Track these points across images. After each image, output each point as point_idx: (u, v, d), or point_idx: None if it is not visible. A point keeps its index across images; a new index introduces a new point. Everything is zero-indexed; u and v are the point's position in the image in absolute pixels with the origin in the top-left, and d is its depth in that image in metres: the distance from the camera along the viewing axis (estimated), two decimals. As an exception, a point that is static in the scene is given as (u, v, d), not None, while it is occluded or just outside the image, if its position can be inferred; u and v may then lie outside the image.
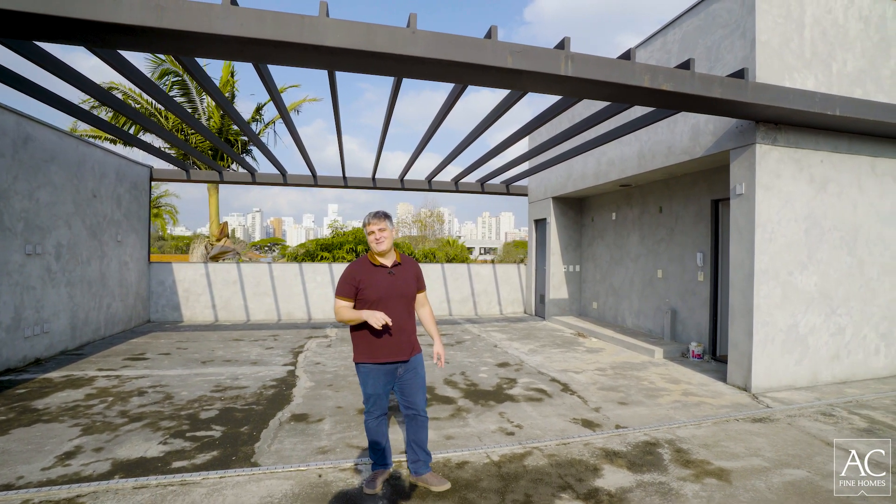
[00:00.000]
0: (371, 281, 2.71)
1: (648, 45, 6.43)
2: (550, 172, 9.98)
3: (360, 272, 2.74)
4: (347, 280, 2.72)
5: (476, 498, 2.68)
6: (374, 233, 2.74)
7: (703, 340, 6.70)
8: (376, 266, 2.77)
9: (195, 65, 4.42)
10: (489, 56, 3.35)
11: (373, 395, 2.77)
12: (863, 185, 5.35)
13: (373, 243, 2.75)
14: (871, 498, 2.70)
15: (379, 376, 2.75)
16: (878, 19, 5.40)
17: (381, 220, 2.76)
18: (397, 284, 2.77)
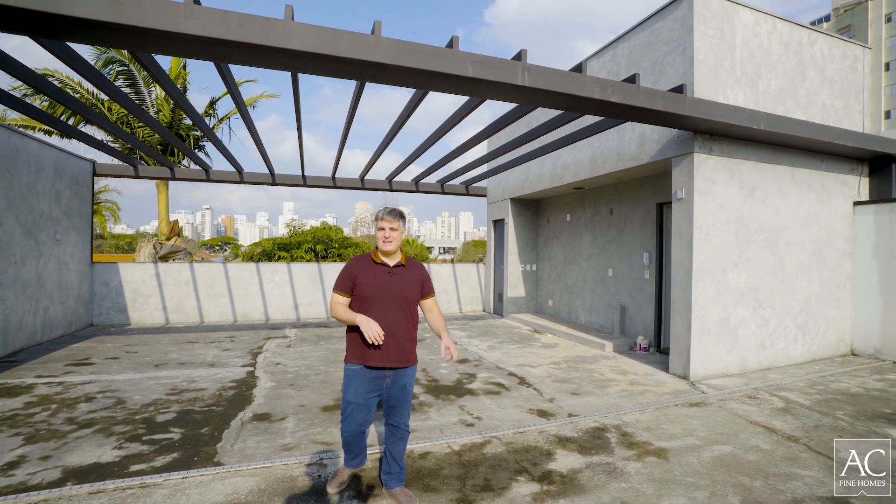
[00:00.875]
0: (368, 276, 2.60)
1: (601, 56, 6.81)
2: (509, 174, 10.30)
3: (360, 266, 2.64)
4: (346, 274, 2.64)
5: (438, 485, 2.83)
6: (385, 230, 2.61)
7: (649, 334, 7.18)
8: (377, 263, 2.66)
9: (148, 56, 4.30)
10: (451, 65, 3.51)
11: (352, 404, 2.58)
12: (784, 191, 5.94)
13: (380, 240, 2.63)
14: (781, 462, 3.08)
15: (363, 381, 2.59)
16: (796, 45, 6.01)
17: (396, 219, 2.63)
18: (396, 286, 2.63)
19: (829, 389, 4.89)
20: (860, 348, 6.54)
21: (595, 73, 6.83)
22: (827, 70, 6.38)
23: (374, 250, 2.73)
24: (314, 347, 7.01)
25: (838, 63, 6.51)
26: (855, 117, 6.70)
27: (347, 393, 2.62)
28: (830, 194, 6.40)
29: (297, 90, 4.70)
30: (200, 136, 13.62)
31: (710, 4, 5.27)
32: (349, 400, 2.60)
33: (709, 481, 2.88)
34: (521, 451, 3.32)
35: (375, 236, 2.70)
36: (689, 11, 5.21)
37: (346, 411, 2.62)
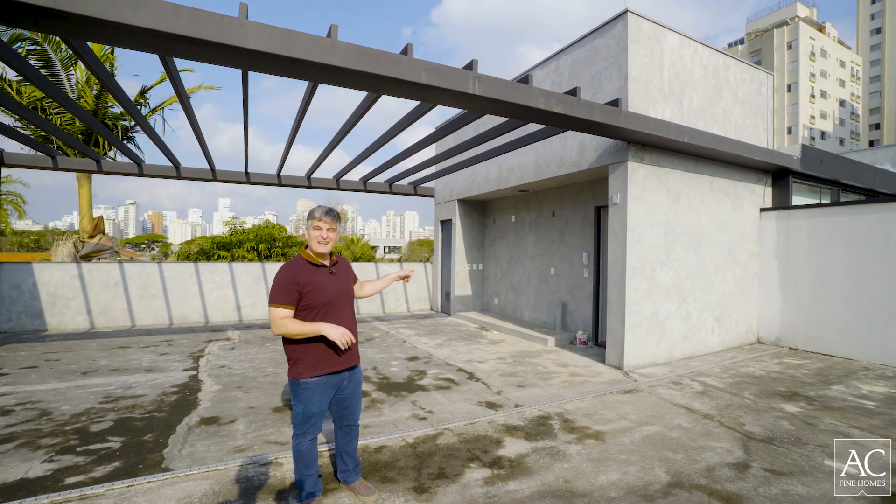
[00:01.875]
0: (315, 283, 2.45)
1: (545, 66, 7.19)
2: (456, 176, 10.54)
3: (301, 274, 2.44)
4: (288, 285, 2.38)
5: (395, 475, 2.95)
6: (322, 230, 2.49)
7: (588, 329, 7.67)
8: (317, 266, 2.51)
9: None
10: (405, 71, 3.63)
11: (316, 414, 2.50)
12: (704, 198, 6.61)
13: (316, 241, 2.48)
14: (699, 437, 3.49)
15: (326, 390, 2.51)
16: (714, 68, 6.70)
17: (334, 220, 2.54)
18: (341, 285, 2.58)
19: (738, 373, 5.53)
20: (764, 337, 7.40)
21: (540, 82, 7.20)
22: (739, 91, 7.16)
23: (305, 252, 2.55)
24: (260, 349, 6.83)
25: (748, 86, 7.32)
26: (761, 134, 7.56)
27: (311, 405, 2.48)
28: (742, 201, 7.18)
29: (247, 88, 4.60)
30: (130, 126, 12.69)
31: (642, 27, 5.76)
32: (314, 411, 2.49)
33: (639, 457, 3.22)
34: (472, 441, 3.51)
35: (308, 235, 2.52)
36: (624, 31, 5.66)
37: (309, 423, 2.51)
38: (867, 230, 6.23)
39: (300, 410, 2.50)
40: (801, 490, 2.80)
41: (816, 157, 7.88)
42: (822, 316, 6.67)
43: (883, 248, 6.07)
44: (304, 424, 2.51)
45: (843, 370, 5.71)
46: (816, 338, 6.74)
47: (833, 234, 6.58)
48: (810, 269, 6.83)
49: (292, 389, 2.51)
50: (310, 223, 2.52)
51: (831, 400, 4.53)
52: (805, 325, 6.88)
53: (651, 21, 5.88)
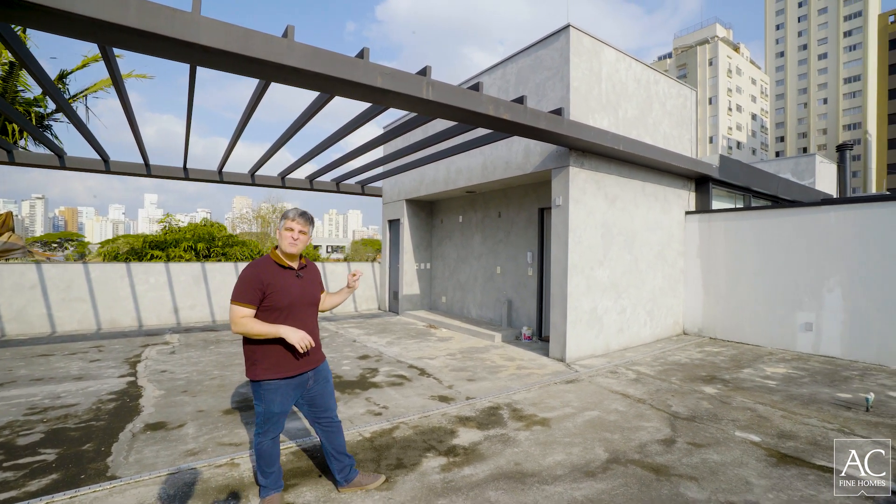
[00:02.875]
0: (280, 285, 2.42)
1: (493, 72, 7.47)
2: (404, 176, 10.63)
3: (267, 274, 2.41)
4: (251, 284, 2.36)
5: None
6: (294, 231, 2.47)
7: (533, 325, 8.06)
8: (284, 268, 2.49)
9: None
10: (361, 74, 3.70)
11: (277, 414, 2.48)
12: (637, 202, 7.17)
13: (287, 242, 2.46)
14: (633, 419, 3.86)
15: (288, 392, 2.48)
16: (645, 82, 7.29)
17: (307, 223, 2.53)
18: (307, 289, 2.57)
19: (667, 362, 6.08)
20: (689, 328, 8.15)
21: (488, 87, 7.47)
22: (667, 104, 7.83)
23: (274, 252, 2.52)
24: (203, 352, 6.57)
25: (675, 100, 8.03)
26: (686, 144, 8.31)
27: (273, 405, 2.45)
28: (670, 205, 7.87)
29: (194, 83, 4.44)
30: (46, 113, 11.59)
31: (582, 41, 6.17)
32: (276, 412, 2.47)
33: (581, 439, 3.52)
34: (427, 432, 3.66)
35: (280, 235, 2.50)
36: (566, 45, 6.04)
37: (270, 422, 2.49)
38: (771, 232, 7.07)
39: (261, 410, 2.48)
40: (717, 458, 3.21)
41: (731, 166, 8.79)
42: (737, 308, 7.47)
43: (784, 247, 6.91)
44: (266, 424, 2.50)
45: (752, 355, 6.44)
46: (732, 328, 7.54)
47: (744, 236, 7.40)
48: (726, 267, 7.62)
49: (253, 389, 2.50)
50: (282, 223, 2.51)
51: (742, 381, 5.13)
52: (722, 317, 7.67)
53: (591, 36, 6.32)
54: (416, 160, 8.47)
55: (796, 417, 4.02)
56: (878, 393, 4.69)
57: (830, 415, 4.08)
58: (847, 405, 4.33)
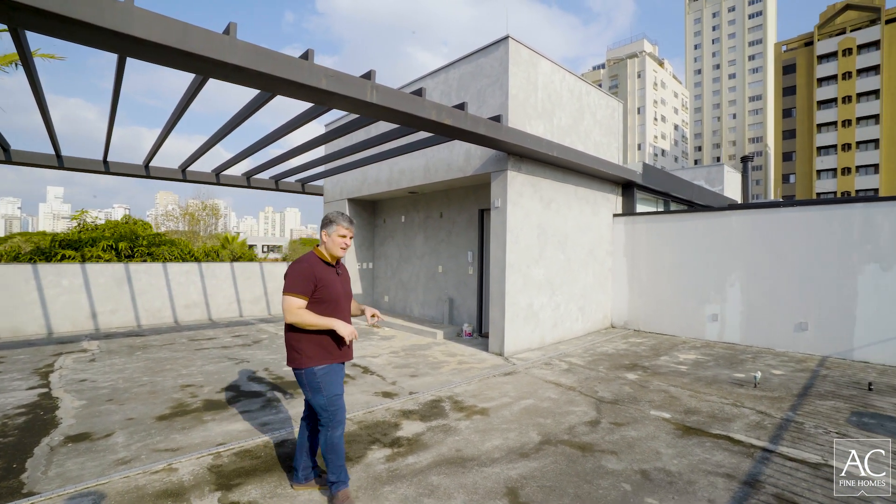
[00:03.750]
0: (328, 280, 2.65)
1: (436, 76, 7.65)
2: (347, 175, 10.55)
3: (317, 270, 2.63)
4: (306, 277, 2.57)
5: (301, 464, 3.07)
6: (347, 237, 2.72)
7: (473, 321, 8.34)
8: (329, 265, 2.72)
9: None
10: (306, 76, 3.73)
11: (339, 395, 2.64)
12: (570, 204, 7.67)
13: (339, 246, 2.69)
14: (564, 405, 4.20)
15: (338, 373, 2.68)
16: (578, 93, 7.81)
17: (354, 228, 2.77)
18: (345, 285, 2.81)
19: (596, 353, 6.58)
20: (616, 322, 8.82)
21: (431, 90, 7.64)
22: (597, 114, 8.43)
23: (318, 251, 2.74)
24: (129, 359, 6.18)
25: (604, 110, 8.65)
26: (614, 152, 8.98)
27: (333, 387, 2.61)
28: (600, 208, 8.47)
29: (122, 73, 4.21)
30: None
31: (520, 52, 6.51)
32: (337, 392, 2.62)
33: (517, 425, 3.79)
34: (371, 427, 3.75)
35: (330, 240, 2.70)
36: (505, 54, 6.35)
37: (337, 404, 2.61)
38: (686, 234, 7.85)
39: (322, 400, 2.58)
40: (634, 434, 3.60)
41: (653, 173, 9.61)
42: (657, 303, 8.21)
43: (696, 248, 7.70)
44: (333, 411, 2.59)
45: (669, 345, 7.13)
46: (653, 321, 8.26)
47: (663, 237, 8.14)
48: (648, 265, 8.34)
49: (306, 381, 2.59)
50: (334, 228, 2.70)
51: (659, 367, 5.69)
52: (645, 311, 8.39)
53: (529, 48, 6.68)
54: (359, 160, 8.47)
55: (700, 396, 4.56)
56: (765, 371, 5.42)
57: (727, 392, 4.67)
58: (740, 383, 4.97)
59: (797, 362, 5.99)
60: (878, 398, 4.50)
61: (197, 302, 9.98)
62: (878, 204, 6.10)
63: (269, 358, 6.28)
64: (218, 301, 10.28)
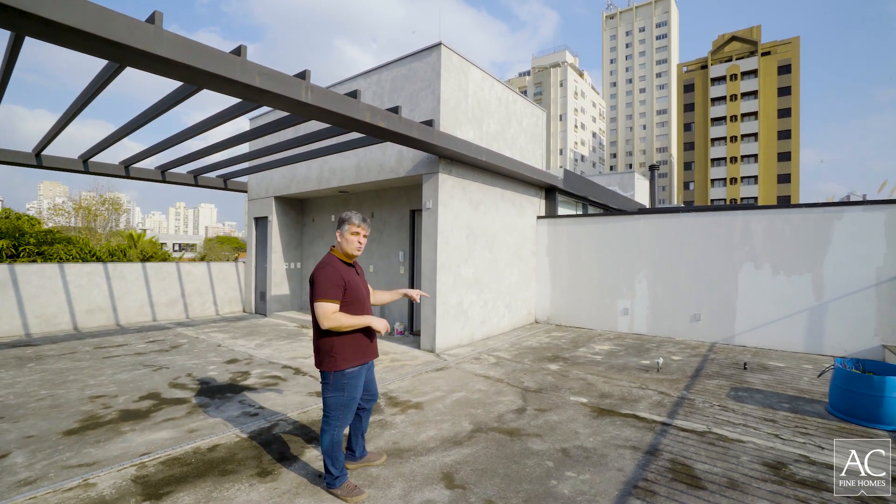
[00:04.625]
0: (352, 280, 2.70)
1: (369, 76, 7.67)
2: (274, 173, 10.19)
3: (344, 272, 2.68)
4: (336, 281, 2.60)
5: (236, 467, 3.03)
6: (360, 235, 2.76)
7: (405, 320, 8.47)
8: (349, 266, 2.77)
9: None
10: (238, 72, 3.64)
11: (355, 400, 2.76)
12: (498, 207, 8.06)
13: (354, 245, 2.74)
14: (493, 395, 4.48)
15: (363, 376, 2.79)
16: (506, 101, 8.24)
17: (369, 227, 2.81)
18: (364, 283, 2.87)
19: (521, 347, 7.01)
20: (540, 317, 9.40)
21: (364, 90, 7.65)
22: (523, 122, 8.93)
23: (335, 252, 2.79)
24: (19, 372, 5.54)
25: (530, 118, 9.19)
26: (538, 158, 9.56)
27: (355, 391, 2.72)
28: (525, 210, 8.98)
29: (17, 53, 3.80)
30: None
31: (452, 59, 6.75)
32: (356, 397, 2.75)
33: (450, 416, 3.99)
34: (307, 426, 3.76)
35: (344, 239, 2.74)
36: (438, 61, 6.55)
37: (349, 409, 2.73)
38: (601, 235, 8.58)
39: (342, 400, 2.68)
40: (556, 418, 3.96)
41: (572, 179, 10.36)
42: (576, 299, 8.88)
43: (610, 248, 8.46)
44: (344, 412, 2.71)
45: (587, 337, 7.77)
46: (573, 315, 8.93)
47: (582, 238, 8.83)
48: (569, 264, 9.00)
49: (334, 381, 2.67)
50: (347, 227, 2.75)
51: (578, 358, 6.22)
52: (565, 307, 9.04)
53: (460, 55, 6.94)
54: (287, 157, 8.24)
55: (613, 381, 5.08)
56: (666, 358, 6.15)
57: (635, 377, 5.26)
58: (646, 369, 5.60)
59: (692, 348, 6.84)
60: (751, 375, 5.32)
61: (102, 306, 9.10)
62: (754, 212, 7.13)
63: (191, 363, 5.95)
64: (127, 305, 9.44)
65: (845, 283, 6.40)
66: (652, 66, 77.05)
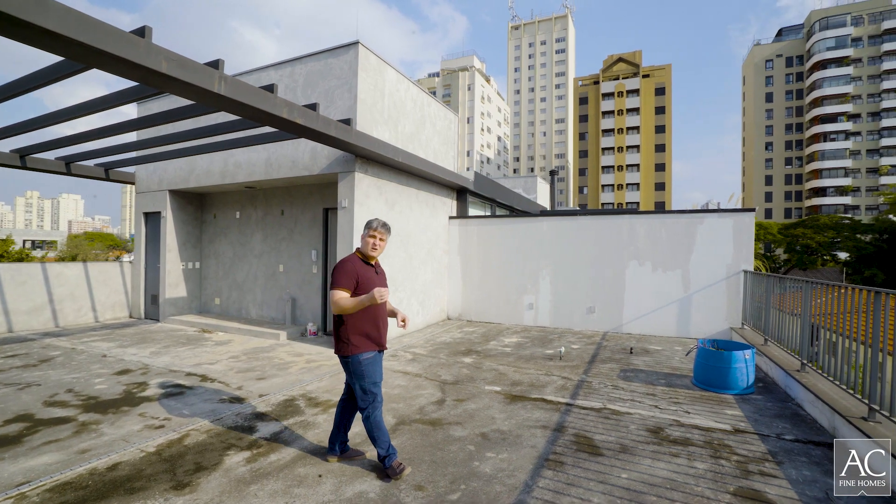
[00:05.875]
0: (366, 276, 3.00)
1: (281, 68, 7.36)
2: (169, 164, 9.30)
3: (358, 267, 2.99)
4: (349, 274, 2.94)
5: (145, 483, 2.81)
6: (376, 238, 3.08)
7: (318, 320, 8.28)
8: (368, 265, 3.07)
9: None
10: (143, 56, 3.36)
11: (379, 383, 3.00)
12: (413, 207, 8.23)
13: (369, 246, 3.07)
14: (413, 389, 4.64)
15: (380, 362, 3.04)
16: (420, 103, 8.43)
17: (388, 232, 3.15)
18: (382, 283, 3.13)
19: (436, 342, 7.26)
20: (452, 314, 9.76)
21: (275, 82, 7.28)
22: (437, 124, 9.20)
23: (358, 252, 3.14)
24: None
25: (443, 121, 9.48)
26: (451, 160, 9.91)
27: (375, 375, 2.98)
28: (438, 210, 9.26)
29: None
30: None
31: (369, 58, 6.76)
32: (376, 380, 2.99)
33: (373, 412, 4.07)
34: (223, 434, 3.59)
35: (363, 241, 3.11)
36: (355, 59, 6.53)
37: (375, 390, 2.97)
38: (509, 235, 9.17)
39: (365, 384, 2.95)
40: (473, 406, 4.24)
41: (482, 181, 10.89)
42: (486, 295, 9.38)
43: (516, 248, 9.07)
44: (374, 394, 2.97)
45: (496, 331, 8.26)
46: (483, 311, 9.41)
47: (491, 238, 9.35)
48: (479, 263, 9.46)
49: (352, 368, 2.96)
50: (366, 231, 3.12)
51: (490, 350, 6.62)
52: (476, 303, 9.49)
53: (377, 56, 6.97)
54: (187, 149, 7.59)
55: (522, 370, 5.53)
56: (567, 347, 6.81)
57: (541, 365, 5.77)
58: (550, 358, 6.17)
59: (588, 337, 7.63)
60: (636, 358, 6.13)
61: (-60, 315, 7.59)
62: (638, 216, 8.15)
63: (70, 377, 5.26)
64: (-21, 312, 7.98)
65: (705, 278, 7.62)
66: (552, 77, 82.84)
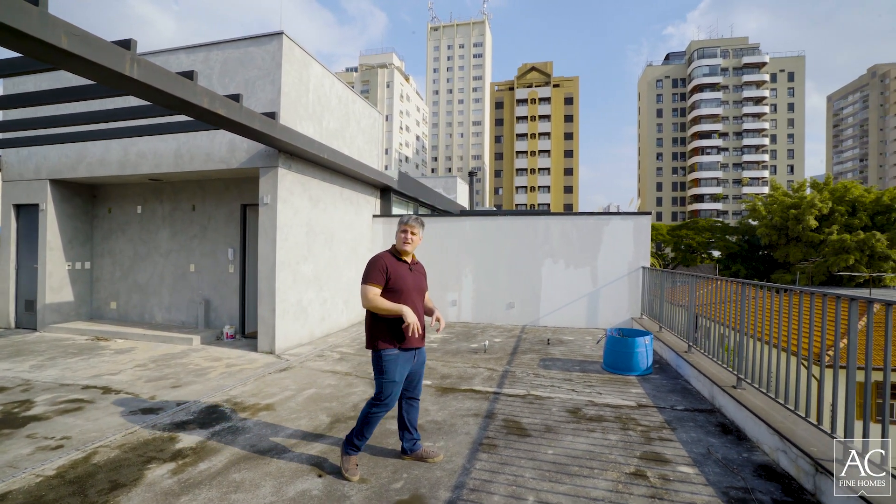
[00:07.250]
0: (399, 273, 2.94)
1: (194, 53, 6.82)
2: (50, 149, 8.17)
3: (389, 263, 2.94)
4: (379, 269, 2.89)
5: (50, 505, 2.53)
6: (408, 233, 3.01)
7: (235, 322, 7.82)
8: (401, 261, 3.02)
9: None
10: (36, 27, 2.98)
11: (397, 383, 2.91)
12: (337, 205, 8.10)
13: (401, 241, 3.02)
14: (345, 388, 4.63)
15: (403, 363, 2.94)
16: (345, 100, 8.31)
17: (421, 227, 3.08)
18: (417, 280, 3.07)
19: (362, 341, 7.23)
20: (377, 313, 9.73)
21: (187, 67, 6.77)
22: (362, 122, 9.12)
23: (393, 248, 3.08)
24: None
25: (367, 119, 9.42)
26: (375, 158, 9.87)
27: (393, 374, 2.90)
28: (362, 208, 9.19)
29: None
30: None
31: (294, 50, 6.54)
32: (395, 380, 2.91)
33: (306, 412, 4.01)
34: (140, 447, 3.32)
35: (396, 235, 3.08)
36: (279, 50, 6.27)
37: (390, 390, 2.89)
38: (432, 234, 9.36)
39: (382, 381, 2.90)
40: (407, 401, 4.34)
41: (405, 180, 10.99)
42: (410, 293, 9.48)
43: (441, 246, 9.30)
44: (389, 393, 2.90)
45: (421, 328, 8.41)
46: (407, 309, 9.51)
47: (416, 236, 9.48)
48: (404, 261, 9.55)
49: (376, 362, 2.92)
50: (399, 226, 3.08)
51: (417, 348, 6.75)
52: (401, 301, 9.57)
53: (302, 49, 6.76)
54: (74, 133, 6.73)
55: (450, 364, 5.75)
56: (490, 340, 7.17)
57: (468, 358, 6.03)
58: (475, 351, 6.47)
59: (508, 331, 8.08)
60: (552, 348, 6.65)
61: None
62: (553, 217, 8.80)
63: (-73, 397, 4.46)
64: None
65: (610, 274, 8.45)
66: (469, 80, 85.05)
